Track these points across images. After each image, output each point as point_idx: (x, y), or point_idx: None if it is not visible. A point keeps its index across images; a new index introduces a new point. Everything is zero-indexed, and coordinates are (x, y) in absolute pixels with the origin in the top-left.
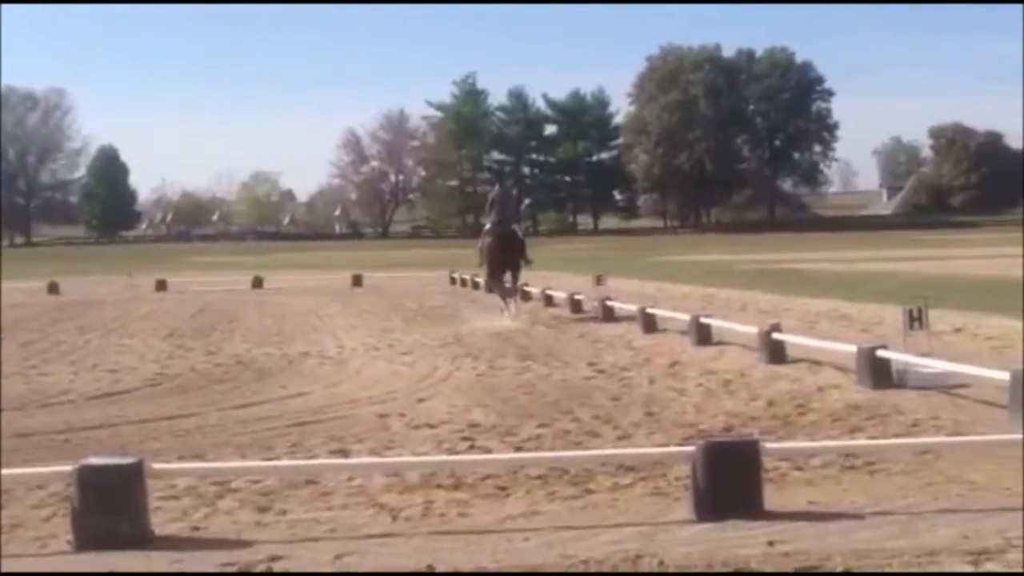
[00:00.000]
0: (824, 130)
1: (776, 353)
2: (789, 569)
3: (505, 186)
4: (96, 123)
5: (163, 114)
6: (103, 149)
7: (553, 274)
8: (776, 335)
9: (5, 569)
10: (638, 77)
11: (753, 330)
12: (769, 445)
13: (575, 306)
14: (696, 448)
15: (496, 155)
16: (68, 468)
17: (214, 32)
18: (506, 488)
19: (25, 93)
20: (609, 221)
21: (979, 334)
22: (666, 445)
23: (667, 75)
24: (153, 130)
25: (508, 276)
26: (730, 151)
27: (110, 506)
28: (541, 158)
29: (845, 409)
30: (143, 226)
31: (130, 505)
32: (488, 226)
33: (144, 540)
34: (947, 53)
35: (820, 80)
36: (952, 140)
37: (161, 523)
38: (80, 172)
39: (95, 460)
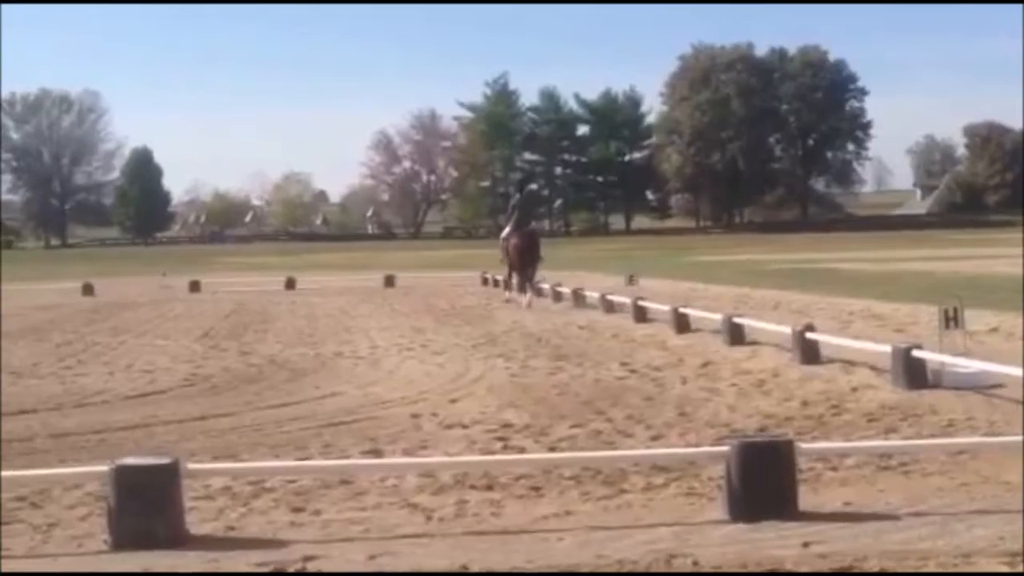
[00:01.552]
0: (857, 129)
1: (810, 353)
2: (824, 570)
3: (525, 192)
4: (130, 125)
5: (196, 115)
6: (137, 151)
7: (585, 274)
8: (810, 335)
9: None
10: (670, 76)
11: (787, 330)
12: (804, 445)
13: (607, 306)
14: (730, 448)
15: (528, 155)
16: (104, 468)
17: (247, 34)
18: (539, 488)
19: (60, 95)
20: (641, 221)
21: (1015, 334)
22: (699, 445)
23: (699, 74)
24: (186, 132)
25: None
26: (763, 150)
27: (146, 506)
28: (573, 158)
29: (880, 409)
30: (176, 227)
31: (166, 505)
32: (509, 227)
33: (180, 540)
34: (981, 51)
35: (853, 78)
36: (987, 138)
37: (196, 523)
38: (114, 174)
39: (131, 460)
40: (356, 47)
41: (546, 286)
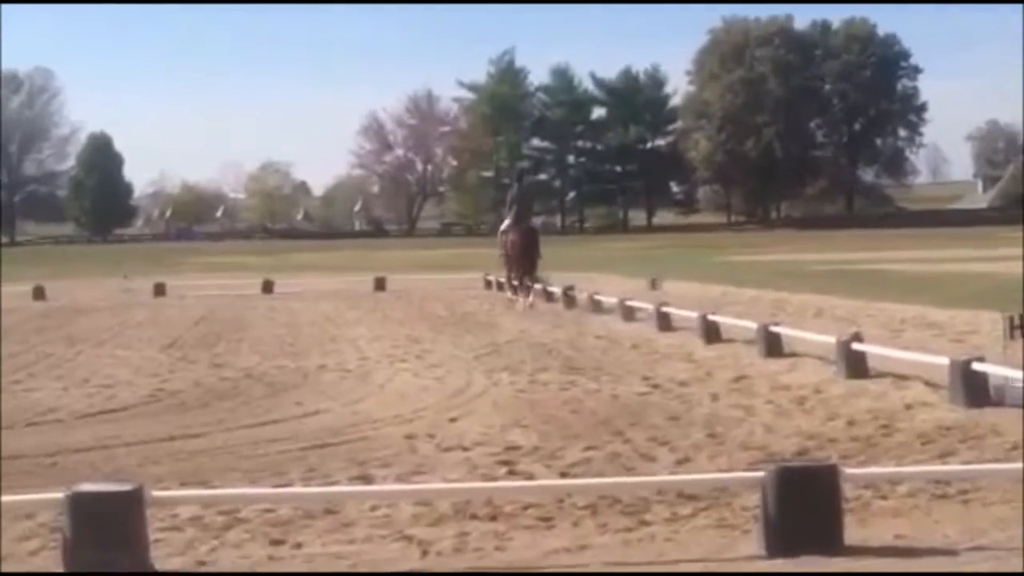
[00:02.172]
0: (910, 112)
1: (856, 366)
2: None
3: (523, 184)
4: (87, 108)
5: (161, 97)
6: (94, 137)
7: (602, 276)
8: (856, 345)
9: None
10: (698, 53)
11: (830, 340)
12: (849, 471)
13: (627, 313)
14: (766, 474)
15: (537, 142)
16: (59, 495)
17: (218, 7)
18: (550, 519)
19: (7, 74)
20: (665, 216)
21: None
22: (732, 470)
23: (731, 50)
24: (150, 115)
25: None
26: (803, 136)
27: (106, 538)
28: (588, 145)
29: (936, 430)
30: (139, 223)
31: (128, 537)
32: (508, 221)
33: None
34: None
35: (905, 55)
36: None
37: (162, 557)
38: (69, 163)
39: (89, 487)
40: (341, 19)
41: (557, 289)
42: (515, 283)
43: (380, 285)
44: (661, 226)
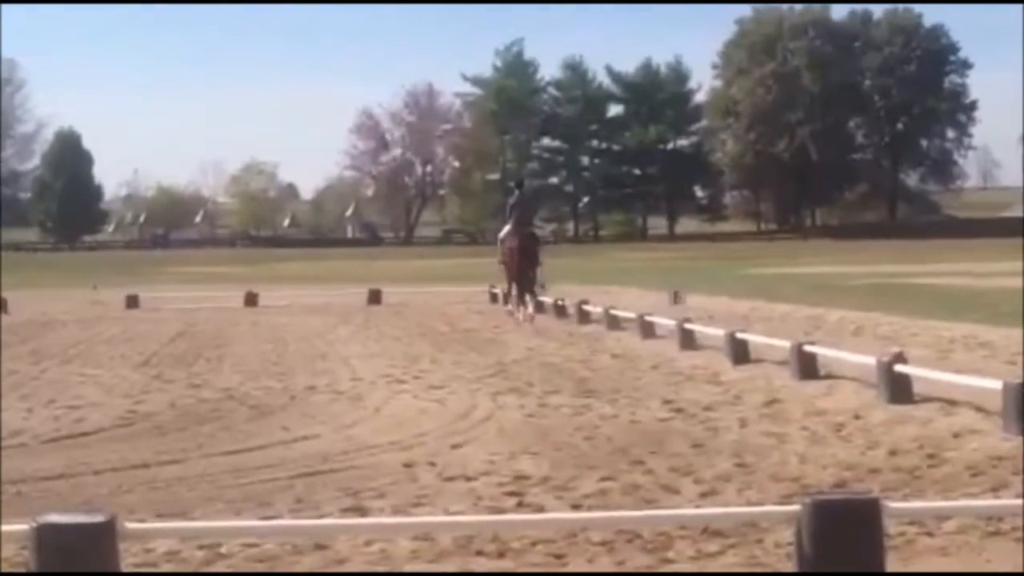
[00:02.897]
0: (959, 111)
1: (900, 390)
2: None
3: (525, 191)
4: (54, 102)
5: (135, 91)
6: (62, 134)
7: (618, 289)
8: (900, 367)
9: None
10: (725, 45)
11: (870, 360)
12: (892, 505)
13: (646, 330)
14: (801, 508)
15: (547, 142)
16: (24, 527)
17: None
18: (562, 556)
19: None
20: (688, 224)
21: None
22: (763, 504)
23: (762, 42)
24: (123, 111)
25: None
26: (840, 137)
27: (74, 573)
28: (604, 145)
29: (987, 460)
30: (110, 229)
31: (98, 572)
32: (507, 228)
33: None
34: None
35: (954, 48)
36: None
37: None
38: (33, 162)
39: (56, 518)
40: (333, 5)
41: (569, 303)
42: (514, 293)
43: (375, 298)
44: (684, 235)
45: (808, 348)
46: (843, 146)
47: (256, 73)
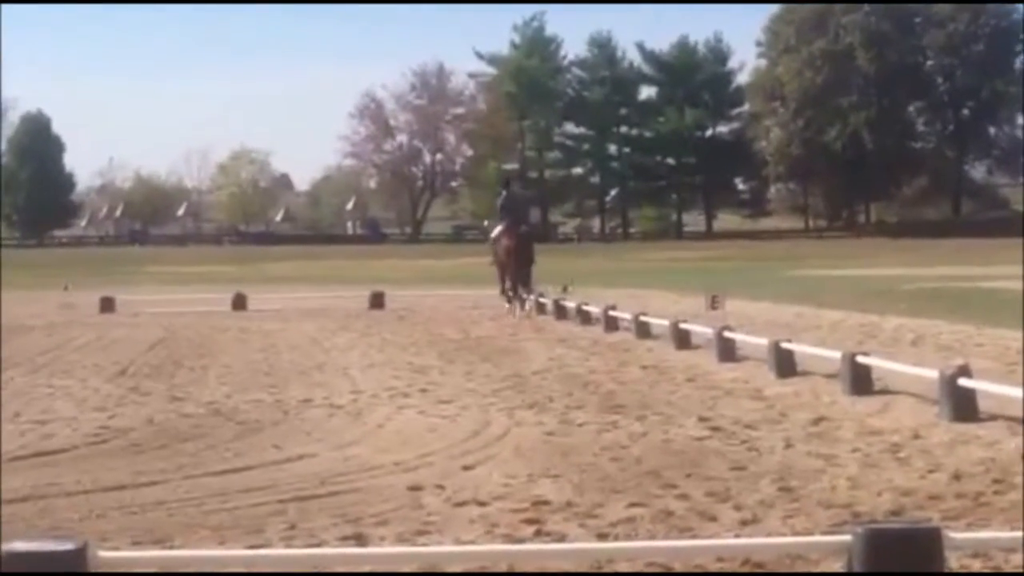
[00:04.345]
0: None
1: (963, 406)
2: None
3: (512, 191)
4: (20, 83)
5: (111, 70)
6: (29, 118)
7: (650, 292)
8: (964, 381)
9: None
10: (770, 20)
11: (931, 374)
12: (954, 535)
13: (680, 338)
14: (853, 538)
15: (571, 128)
16: None
17: None
18: None
19: None
20: (728, 220)
21: None
22: (810, 533)
23: (811, 17)
24: (97, 92)
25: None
26: (899, 123)
27: None
28: (634, 132)
29: None
30: (83, 223)
31: None
32: (500, 228)
33: None
34: None
35: None
36: None
37: None
38: None
39: (22, 545)
40: None
41: (594, 308)
42: (510, 292)
43: (377, 302)
44: (723, 232)
45: (861, 359)
46: (901, 134)
47: (246, 50)
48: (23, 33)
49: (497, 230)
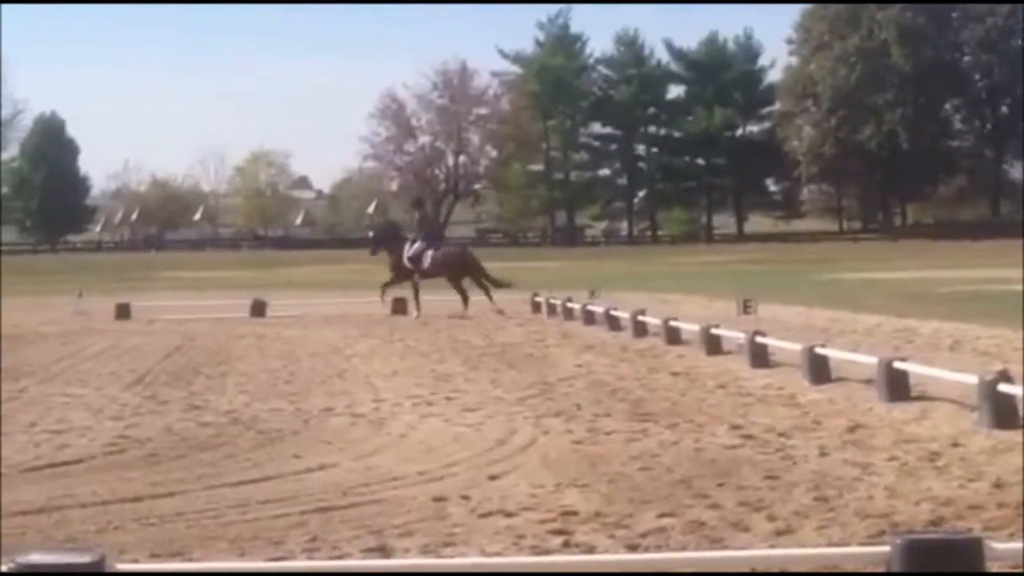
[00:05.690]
0: None
1: (1004, 413)
2: None
3: (424, 211)
4: (34, 84)
5: (126, 71)
6: (43, 120)
7: (680, 297)
8: (1004, 387)
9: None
10: (803, 16)
11: (971, 379)
12: (996, 546)
13: (712, 344)
14: (891, 549)
15: (597, 128)
16: (2, 568)
17: None
18: None
19: None
20: (760, 222)
21: None
22: (846, 544)
23: (845, 12)
24: (112, 94)
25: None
26: (935, 122)
27: None
28: (662, 132)
29: None
30: (98, 228)
31: None
32: (418, 246)
33: None
34: None
35: None
36: None
37: None
38: (10, 152)
39: (38, 558)
40: None
41: (624, 314)
42: (418, 296)
43: (400, 308)
44: (754, 235)
45: (898, 365)
46: (938, 133)
47: (264, 49)
48: (37, 32)
49: (415, 248)
